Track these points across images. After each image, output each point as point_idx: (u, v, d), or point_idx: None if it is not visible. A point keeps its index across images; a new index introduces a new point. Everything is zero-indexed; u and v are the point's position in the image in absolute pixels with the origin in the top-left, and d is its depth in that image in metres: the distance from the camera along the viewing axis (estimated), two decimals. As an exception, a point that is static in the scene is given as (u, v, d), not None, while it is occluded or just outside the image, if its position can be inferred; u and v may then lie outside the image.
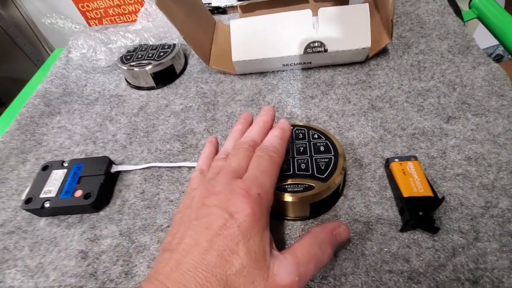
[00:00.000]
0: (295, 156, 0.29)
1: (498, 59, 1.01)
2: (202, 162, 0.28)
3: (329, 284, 0.24)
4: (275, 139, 0.24)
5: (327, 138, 0.30)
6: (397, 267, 0.25)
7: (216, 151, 0.29)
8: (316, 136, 0.30)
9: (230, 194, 0.20)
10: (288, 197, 0.26)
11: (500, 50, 1.01)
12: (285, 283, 0.19)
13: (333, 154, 0.28)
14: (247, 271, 0.18)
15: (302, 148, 0.29)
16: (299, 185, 0.27)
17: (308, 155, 0.29)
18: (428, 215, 0.25)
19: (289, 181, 0.27)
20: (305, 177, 0.27)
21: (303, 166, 0.28)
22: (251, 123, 0.28)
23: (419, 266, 0.24)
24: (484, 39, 0.60)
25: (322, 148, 0.29)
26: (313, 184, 0.27)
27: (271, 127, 0.26)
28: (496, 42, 0.52)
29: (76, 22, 0.48)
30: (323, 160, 0.28)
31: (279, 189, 0.27)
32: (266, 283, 0.18)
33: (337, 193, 0.29)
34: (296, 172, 0.28)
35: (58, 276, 0.28)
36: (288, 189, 0.27)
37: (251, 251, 0.19)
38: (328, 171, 0.27)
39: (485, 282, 0.23)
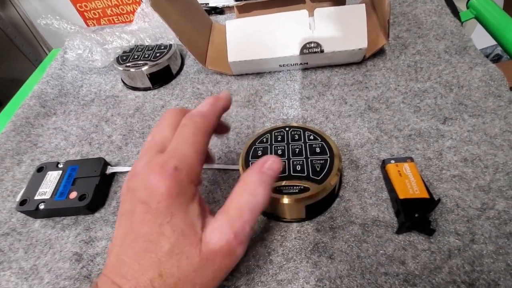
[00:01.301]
0: (291, 157, 0.29)
1: (497, 59, 1.01)
2: None
3: (324, 287, 0.24)
4: (204, 105, 0.23)
5: (323, 139, 0.30)
6: (393, 269, 0.24)
7: None
8: (312, 137, 0.30)
9: (147, 173, 0.19)
10: (283, 199, 0.26)
11: (499, 50, 1.01)
12: (220, 246, 0.19)
13: (329, 155, 0.28)
14: (177, 249, 0.18)
15: (297, 149, 0.29)
16: (295, 187, 0.27)
17: (304, 156, 0.29)
18: (424, 217, 0.25)
19: (285, 183, 0.27)
20: (301, 178, 0.27)
21: (298, 167, 0.28)
22: None
23: (414, 268, 0.24)
24: (483, 39, 0.60)
25: (317, 150, 0.29)
26: (309, 186, 0.26)
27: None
28: (495, 42, 0.51)
29: (72, 22, 0.47)
30: (318, 161, 0.28)
31: (275, 191, 0.27)
32: (201, 255, 0.18)
33: (333, 195, 0.29)
34: (292, 173, 0.27)
35: (52, 279, 0.28)
36: (284, 191, 0.26)
37: (177, 228, 0.18)
38: (324, 172, 0.27)
39: (481, 284, 0.23)
